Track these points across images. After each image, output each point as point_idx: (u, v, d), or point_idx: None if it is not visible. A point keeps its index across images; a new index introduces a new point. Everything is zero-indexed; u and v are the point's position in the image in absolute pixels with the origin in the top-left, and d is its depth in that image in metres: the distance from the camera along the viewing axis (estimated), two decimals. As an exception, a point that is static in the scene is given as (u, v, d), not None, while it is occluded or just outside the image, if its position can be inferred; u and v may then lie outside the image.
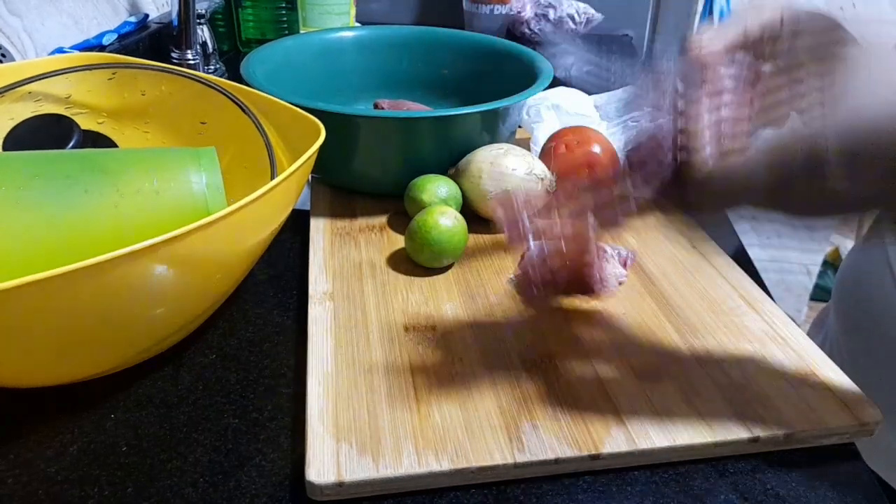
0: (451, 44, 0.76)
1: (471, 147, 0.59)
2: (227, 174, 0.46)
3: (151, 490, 0.36)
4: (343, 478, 0.35)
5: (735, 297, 0.51)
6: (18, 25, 0.71)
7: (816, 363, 0.44)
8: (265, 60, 0.65)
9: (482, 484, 0.37)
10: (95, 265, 0.31)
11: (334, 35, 0.75)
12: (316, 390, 0.40)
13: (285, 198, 0.43)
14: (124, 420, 0.40)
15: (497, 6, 1.15)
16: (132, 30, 0.88)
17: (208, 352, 0.45)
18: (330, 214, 0.59)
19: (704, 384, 0.42)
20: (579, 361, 0.43)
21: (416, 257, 0.52)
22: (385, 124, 0.57)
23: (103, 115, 0.58)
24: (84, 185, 0.40)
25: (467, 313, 0.48)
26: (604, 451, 0.37)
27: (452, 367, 0.42)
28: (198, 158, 0.44)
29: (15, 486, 0.36)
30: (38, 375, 0.39)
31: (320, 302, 0.48)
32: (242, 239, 0.41)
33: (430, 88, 0.76)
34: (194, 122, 0.57)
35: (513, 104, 0.59)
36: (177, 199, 0.43)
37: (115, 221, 0.41)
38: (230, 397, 0.42)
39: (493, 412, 0.39)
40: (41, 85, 0.53)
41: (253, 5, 1.02)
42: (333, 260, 0.53)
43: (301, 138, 0.47)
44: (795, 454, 0.39)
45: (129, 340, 0.40)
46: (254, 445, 0.39)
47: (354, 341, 0.44)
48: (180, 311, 0.41)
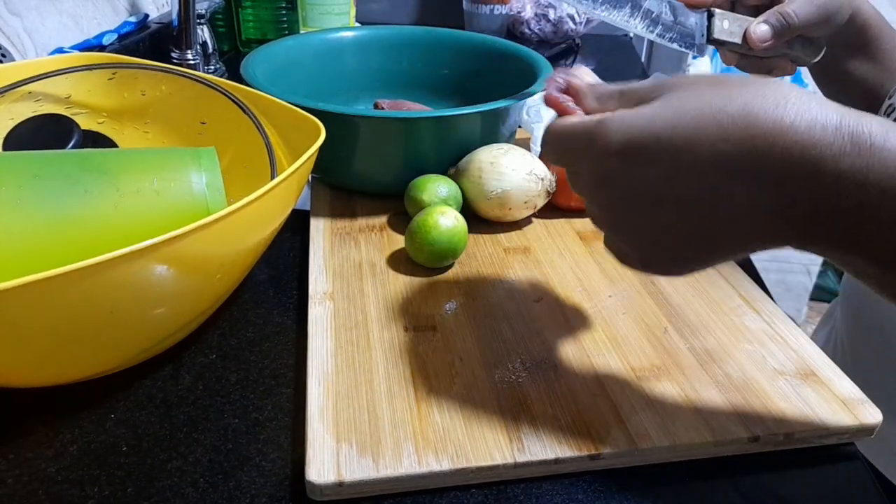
0: (451, 44, 0.76)
1: (471, 147, 0.59)
2: (227, 174, 0.46)
3: (151, 490, 0.36)
4: (343, 478, 0.35)
5: (735, 296, 0.51)
6: (18, 25, 0.71)
7: (816, 363, 0.44)
8: (265, 60, 0.65)
9: (482, 484, 0.37)
10: (95, 265, 0.31)
11: (334, 35, 0.75)
12: (316, 390, 0.40)
13: (285, 198, 0.43)
14: (124, 420, 0.40)
15: (497, 6, 1.15)
16: (132, 30, 0.88)
17: (208, 352, 0.45)
18: (330, 214, 0.59)
19: (704, 384, 0.42)
20: (579, 361, 0.43)
21: (416, 257, 0.52)
22: (385, 124, 0.57)
23: (103, 115, 0.58)
24: (84, 185, 0.40)
25: (467, 313, 0.48)
26: (604, 451, 0.37)
27: (452, 367, 0.42)
28: (198, 158, 0.44)
29: (15, 486, 0.36)
30: (38, 375, 0.39)
31: (320, 302, 0.48)
32: (242, 239, 0.41)
33: (430, 88, 0.76)
34: (194, 123, 0.57)
35: (513, 104, 0.59)
36: (177, 199, 0.43)
37: (114, 221, 0.41)
38: (230, 397, 0.42)
39: (493, 412, 0.39)
40: (41, 85, 0.53)
41: (253, 5, 1.02)
42: (333, 260, 0.53)
43: (301, 138, 0.47)
44: (795, 454, 0.39)
45: (129, 340, 0.40)
46: (254, 445, 0.39)
47: (354, 341, 0.44)
48: (180, 311, 0.41)
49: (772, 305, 0.50)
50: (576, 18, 1.16)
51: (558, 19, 1.16)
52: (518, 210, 0.57)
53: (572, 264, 0.54)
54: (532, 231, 0.59)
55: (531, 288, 0.51)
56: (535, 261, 0.54)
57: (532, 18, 1.18)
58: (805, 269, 1.92)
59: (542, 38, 1.19)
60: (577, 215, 0.61)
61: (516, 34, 1.21)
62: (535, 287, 0.51)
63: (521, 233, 0.58)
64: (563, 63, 1.15)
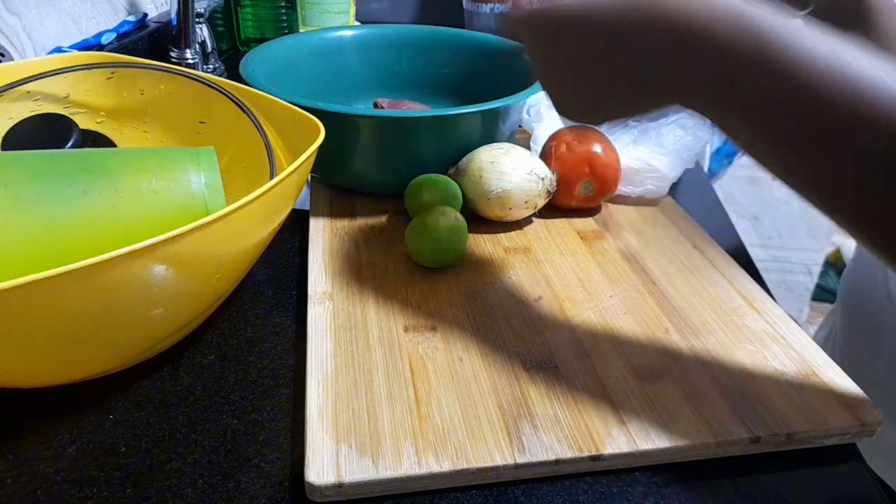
0: (451, 43, 0.76)
1: (471, 147, 0.58)
2: (227, 174, 0.46)
3: (150, 491, 0.36)
4: (342, 479, 0.35)
5: (736, 296, 0.50)
6: (17, 25, 0.70)
7: (818, 363, 0.44)
8: (264, 60, 0.65)
9: (482, 485, 0.37)
10: (94, 265, 0.31)
11: (334, 34, 0.75)
12: (315, 391, 0.40)
13: (285, 198, 0.43)
14: (123, 420, 0.40)
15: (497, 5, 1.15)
16: (131, 29, 0.88)
17: (208, 352, 0.45)
18: (330, 214, 0.59)
19: (705, 384, 0.42)
20: (580, 361, 0.43)
21: (416, 257, 0.52)
22: (385, 124, 0.57)
23: (102, 114, 0.57)
24: (83, 185, 0.40)
25: (467, 313, 0.47)
26: (604, 451, 0.37)
27: (452, 367, 0.42)
28: (197, 158, 0.44)
29: (14, 486, 0.36)
30: (38, 375, 0.39)
31: (320, 302, 0.48)
32: (242, 239, 0.41)
33: (430, 88, 0.76)
34: (193, 122, 0.57)
35: (513, 104, 0.59)
36: (176, 198, 0.42)
37: (113, 221, 0.41)
38: (229, 398, 0.42)
39: (493, 412, 0.39)
40: (40, 84, 0.53)
41: (252, 4, 1.02)
42: (333, 260, 0.53)
43: (301, 138, 0.47)
44: (796, 455, 0.39)
45: (129, 340, 0.40)
46: (253, 446, 0.39)
47: (354, 341, 0.44)
48: (180, 311, 0.41)
49: (773, 305, 0.50)
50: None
51: (558, 19, 1.16)
52: (518, 210, 0.56)
53: (573, 264, 0.54)
54: (532, 231, 0.59)
55: (531, 288, 0.51)
56: (535, 260, 0.54)
57: (532, 18, 1.18)
58: (806, 269, 1.92)
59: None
60: (577, 215, 0.61)
61: (516, 33, 1.21)
62: (536, 287, 0.51)
63: (522, 232, 0.58)
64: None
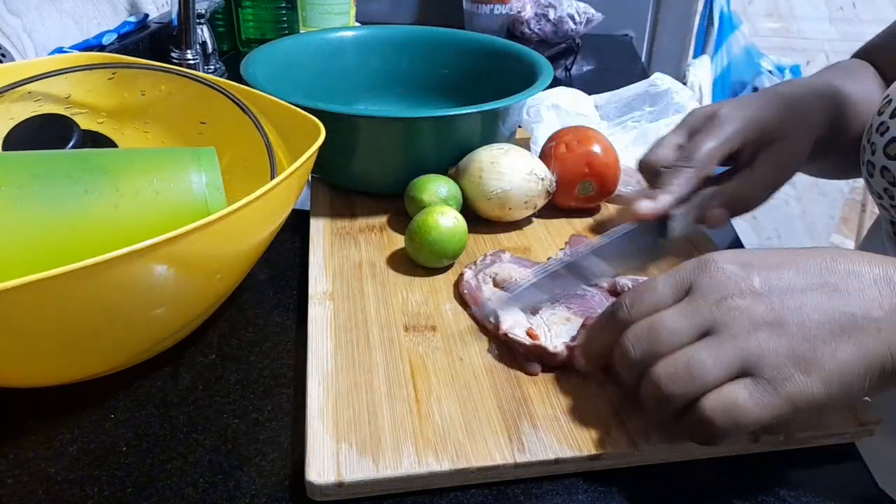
0: (451, 44, 0.76)
1: (471, 147, 0.58)
2: (227, 174, 0.46)
3: (151, 490, 0.36)
4: (343, 478, 0.35)
5: (735, 297, 0.50)
6: (18, 25, 0.71)
7: (817, 363, 0.44)
8: (265, 60, 0.65)
9: (482, 484, 0.37)
10: (95, 265, 0.31)
11: (334, 35, 0.75)
12: (316, 390, 0.40)
13: (285, 198, 0.43)
14: (124, 420, 0.40)
15: (497, 6, 1.15)
16: (132, 29, 0.88)
17: (208, 352, 0.45)
18: (330, 214, 0.59)
19: (704, 384, 0.42)
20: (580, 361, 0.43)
21: (416, 257, 0.52)
22: (385, 124, 0.57)
23: (103, 114, 0.58)
24: (84, 185, 0.40)
25: (467, 313, 0.48)
26: (604, 451, 0.37)
27: (452, 367, 0.42)
28: (197, 158, 0.44)
29: (15, 486, 0.36)
30: (38, 375, 0.39)
31: (320, 302, 0.48)
32: (242, 239, 0.41)
33: (430, 88, 0.76)
34: (194, 122, 0.57)
35: (513, 104, 0.59)
36: (176, 199, 0.43)
37: (114, 221, 0.41)
38: (230, 397, 0.42)
39: (493, 412, 0.39)
40: (41, 85, 0.53)
41: (253, 5, 1.02)
42: (333, 260, 0.53)
43: (301, 138, 0.47)
44: (796, 454, 0.39)
45: (129, 340, 0.40)
46: (253, 446, 0.39)
47: (354, 341, 0.44)
48: (180, 311, 0.41)
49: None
50: (576, 18, 1.16)
51: (558, 19, 1.16)
52: (518, 210, 0.56)
53: (572, 264, 0.54)
54: (532, 231, 0.59)
55: (531, 288, 0.51)
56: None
57: (532, 18, 1.18)
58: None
59: (542, 37, 1.19)
60: (577, 215, 0.61)
61: (516, 34, 1.21)
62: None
63: (521, 233, 0.58)
64: (562, 63, 1.15)
